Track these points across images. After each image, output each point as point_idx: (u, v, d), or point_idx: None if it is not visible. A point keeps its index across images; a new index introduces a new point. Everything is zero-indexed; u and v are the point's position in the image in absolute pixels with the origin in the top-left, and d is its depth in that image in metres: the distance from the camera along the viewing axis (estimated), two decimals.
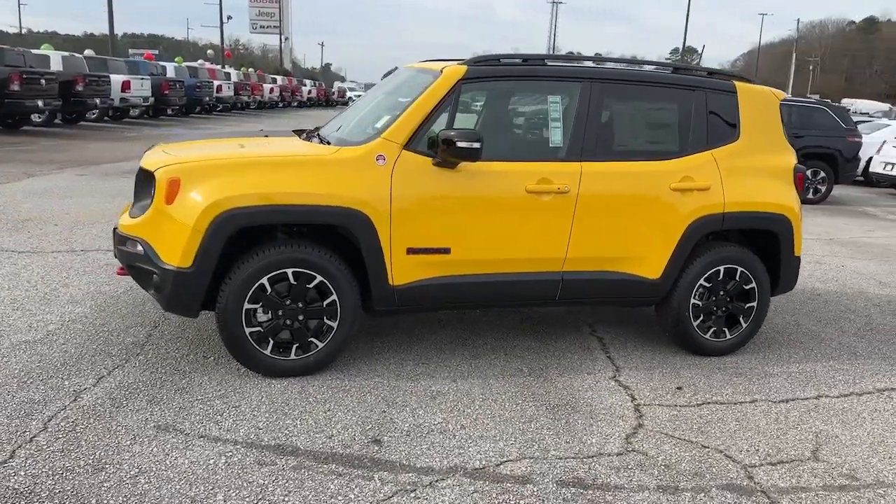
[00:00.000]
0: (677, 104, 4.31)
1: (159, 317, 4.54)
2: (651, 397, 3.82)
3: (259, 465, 2.93)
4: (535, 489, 2.87)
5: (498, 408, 3.58)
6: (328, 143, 4.04)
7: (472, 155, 3.64)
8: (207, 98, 26.83)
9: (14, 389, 3.44)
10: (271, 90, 36.92)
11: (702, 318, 4.41)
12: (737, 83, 4.46)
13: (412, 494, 2.78)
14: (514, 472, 2.99)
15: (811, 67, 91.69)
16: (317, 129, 4.78)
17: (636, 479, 3.00)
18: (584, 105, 4.07)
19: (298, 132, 4.59)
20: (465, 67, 3.92)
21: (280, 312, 3.68)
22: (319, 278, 3.68)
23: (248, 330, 3.65)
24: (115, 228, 4.00)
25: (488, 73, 3.96)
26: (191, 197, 3.52)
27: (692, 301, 4.36)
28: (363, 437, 3.20)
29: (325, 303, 3.72)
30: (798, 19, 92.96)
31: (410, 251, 3.80)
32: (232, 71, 35.72)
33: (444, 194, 3.80)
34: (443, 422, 3.39)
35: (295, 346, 3.74)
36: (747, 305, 4.48)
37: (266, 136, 5.09)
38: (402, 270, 3.81)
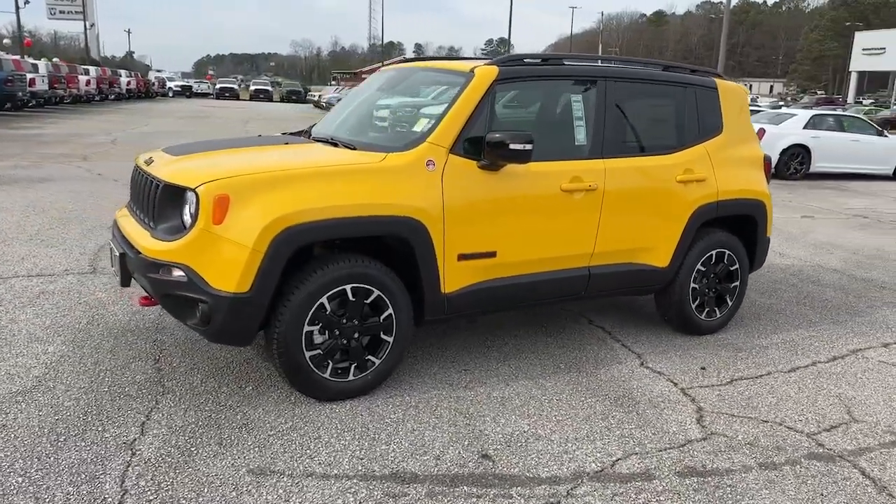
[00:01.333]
0: (675, 100, 4.55)
1: (148, 347, 4.08)
2: (688, 381, 4.04)
3: (392, 497, 2.75)
4: (662, 484, 2.95)
5: (568, 407, 3.61)
6: (352, 147, 3.83)
7: (524, 157, 3.61)
8: (21, 93, 23.95)
9: (51, 451, 2.94)
10: (88, 82, 33.70)
11: (698, 300, 4.72)
12: (716, 79, 4.79)
13: None
14: (632, 469, 3.05)
15: (609, 56, 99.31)
16: (308, 132, 4.52)
17: (736, 460, 3.17)
18: (601, 103, 4.18)
19: (292, 135, 4.30)
20: (496, 68, 3.87)
21: (337, 332, 3.45)
22: (377, 292, 3.49)
23: (307, 354, 3.38)
24: (122, 255, 3.54)
25: (519, 73, 3.94)
26: (245, 214, 3.19)
27: (691, 285, 4.65)
28: (470, 453, 3.10)
29: (381, 317, 3.54)
30: (602, 12, 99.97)
31: (461, 257, 3.71)
32: (39, 63, 32.08)
33: (489, 197, 3.74)
34: (531, 428, 3.37)
35: (353, 366, 3.53)
36: (732, 285, 4.86)
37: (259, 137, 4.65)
38: (452, 277, 3.71)
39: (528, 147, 3.58)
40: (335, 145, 3.92)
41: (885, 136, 15.72)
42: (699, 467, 3.10)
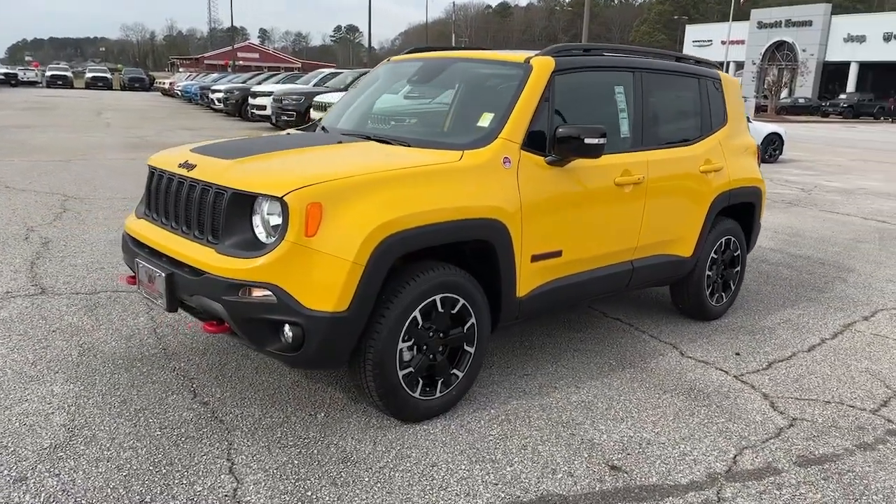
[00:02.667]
0: (693, 92, 4.60)
1: (172, 377, 3.57)
2: (735, 368, 4.11)
3: None
4: (792, 476, 2.96)
5: (650, 406, 3.55)
6: (406, 144, 3.52)
7: (597, 151, 3.48)
8: None
9: None
10: None
11: (710, 287, 4.84)
12: (718, 71, 4.91)
13: None
14: (755, 465, 3.04)
15: (462, 46, 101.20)
16: (319, 125, 4.14)
17: (835, 444, 3.26)
18: (639, 94, 4.14)
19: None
20: (551, 58, 3.71)
21: (425, 347, 3.17)
22: (462, 301, 3.24)
23: (401, 373, 3.08)
24: (171, 275, 3.04)
25: (572, 64, 3.80)
26: (340, 224, 2.82)
27: (707, 273, 4.75)
28: (598, 466, 2.96)
29: (465, 328, 3.30)
30: (454, 2, 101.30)
31: (534, 258, 3.53)
32: None
33: (556, 195, 3.59)
34: (634, 432, 3.27)
35: (440, 382, 3.26)
36: (735, 270, 5.03)
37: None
38: (525, 280, 3.53)
39: (603, 141, 3.46)
40: (386, 143, 3.58)
41: (750, 121, 17.12)
42: (810, 455, 3.14)
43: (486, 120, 3.54)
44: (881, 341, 4.69)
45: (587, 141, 3.42)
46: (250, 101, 20.96)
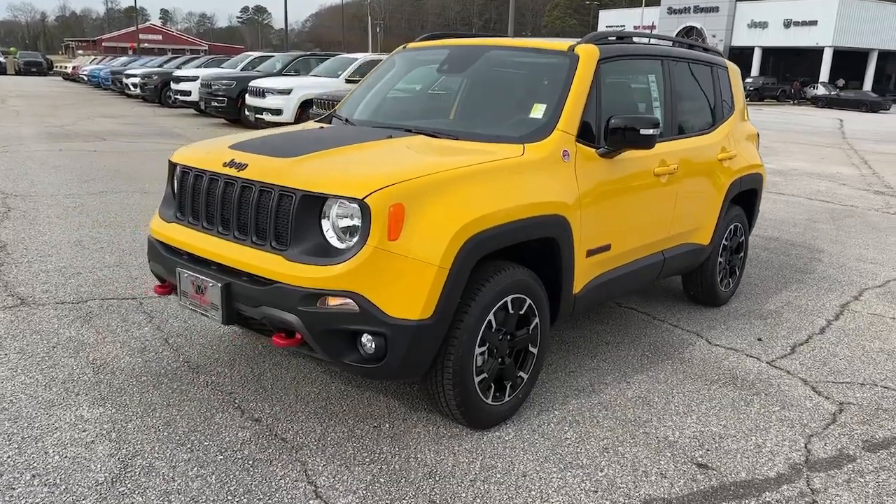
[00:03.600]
0: (708, 80, 4.61)
1: (207, 392, 3.30)
2: (765, 355, 4.16)
3: None
4: (868, 462, 3.00)
5: (704, 398, 3.54)
6: (455, 137, 3.36)
7: (651, 142, 3.42)
8: None
9: None
10: None
11: (721, 273, 4.90)
12: (724, 59, 4.94)
13: (809, 502, 2.70)
14: (828, 453, 3.07)
15: (378, 29, 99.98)
16: (343, 117, 3.91)
17: (890, 427, 3.33)
18: (668, 83, 4.11)
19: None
20: (595, 47, 3.61)
21: (495, 350, 3.04)
22: (529, 302, 3.12)
23: (476, 380, 2.94)
24: (228, 285, 2.78)
25: (614, 52, 3.70)
26: (422, 226, 2.64)
27: (719, 260, 4.80)
28: (685, 466, 2.91)
29: (530, 328, 3.18)
30: None
31: (589, 253, 3.45)
32: None
33: (607, 187, 3.50)
34: (702, 425, 3.25)
35: (509, 385, 3.14)
36: (739, 256, 5.11)
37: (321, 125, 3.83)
38: (581, 275, 3.44)
39: (657, 131, 3.40)
40: (431, 136, 3.40)
41: None
42: (873, 440, 3.21)
43: (538, 111, 3.41)
44: (880, 321, 4.87)
45: (643, 132, 3.34)
46: (173, 86, 19.95)
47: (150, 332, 4.00)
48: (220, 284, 2.79)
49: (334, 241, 2.69)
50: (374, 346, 2.66)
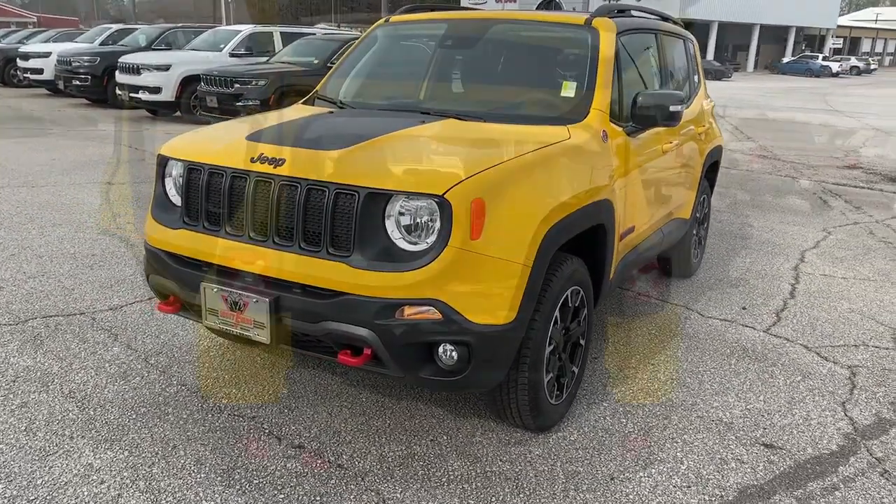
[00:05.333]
0: (681, 54, 4.58)
1: (232, 422, 2.90)
2: (759, 324, 4.24)
3: None
4: None
5: (729, 374, 3.54)
6: (482, 120, 3.10)
7: (678, 118, 3.33)
8: None
9: None
10: None
11: (695, 246, 4.96)
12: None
13: (881, 472, 2.74)
14: (868, 419, 3.14)
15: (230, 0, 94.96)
16: (337, 101, 3.54)
17: None
18: (661, 56, 4.03)
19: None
20: (611, 20, 3.45)
21: (558, 347, 2.86)
22: (581, 293, 2.96)
23: (545, 381, 2.74)
24: (277, 299, 2.40)
25: (627, 25, 3.56)
26: (501, 221, 2.39)
27: (694, 233, 4.86)
28: (754, 448, 2.87)
29: (580, 320, 3.02)
30: None
31: (621, 236, 3.32)
32: None
33: (635, 167, 3.39)
34: (745, 403, 3.23)
35: (564, 382, 2.97)
36: (704, 226, 5.21)
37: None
38: (615, 260, 3.31)
39: (684, 108, 3.31)
40: (458, 119, 3.11)
41: None
42: None
43: (569, 90, 3.22)
44: (834, 281, 5.13)
45: (672, 108, 3.24)
46: (20, 63, 17.87)
47: (121, 352, 3.47)
48: (267, 300, 2.40)
49: (401, 244, 2.38)
50: (455, 356, 2.39)
